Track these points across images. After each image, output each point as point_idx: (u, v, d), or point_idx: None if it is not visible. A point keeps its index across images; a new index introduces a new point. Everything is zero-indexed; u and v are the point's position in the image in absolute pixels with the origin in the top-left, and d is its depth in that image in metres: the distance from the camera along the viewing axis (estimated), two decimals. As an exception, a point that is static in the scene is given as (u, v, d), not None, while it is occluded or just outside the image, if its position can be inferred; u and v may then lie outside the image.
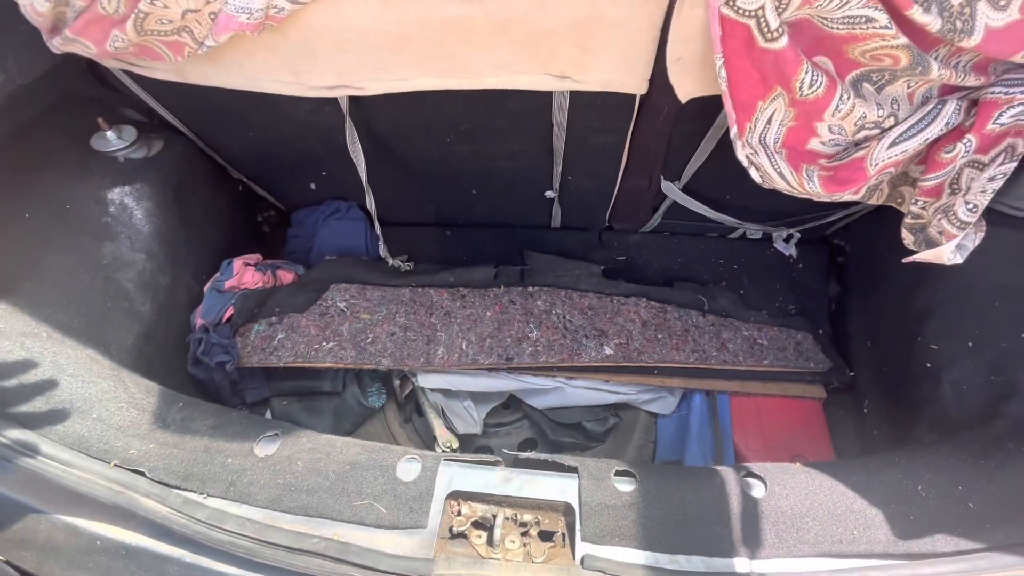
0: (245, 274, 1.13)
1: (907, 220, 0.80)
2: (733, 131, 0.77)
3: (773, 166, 0.80)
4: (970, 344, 0.83)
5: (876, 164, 0.76)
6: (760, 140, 0.80)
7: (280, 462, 0.81)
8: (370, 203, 1.09)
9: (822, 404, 1.11)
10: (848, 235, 1.25)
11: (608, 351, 1.11)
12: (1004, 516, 0.69)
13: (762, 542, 0.72)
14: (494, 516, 0.76)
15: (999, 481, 0.71)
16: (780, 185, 0.80)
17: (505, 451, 0.86)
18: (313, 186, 1.28)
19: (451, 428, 1.12)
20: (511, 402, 1.20)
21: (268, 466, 0.80)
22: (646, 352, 1.11)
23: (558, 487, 0.78)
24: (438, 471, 0.80)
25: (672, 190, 1.10)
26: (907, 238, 0.80)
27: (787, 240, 1.24)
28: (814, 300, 1.25)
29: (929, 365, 0.88)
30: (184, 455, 0.81)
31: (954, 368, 0.84)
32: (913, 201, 0.78)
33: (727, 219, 1.16)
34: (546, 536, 0.76)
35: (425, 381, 1.13)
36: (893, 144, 0.75)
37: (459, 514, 0.76)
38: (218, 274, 1.13)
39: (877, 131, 0.76)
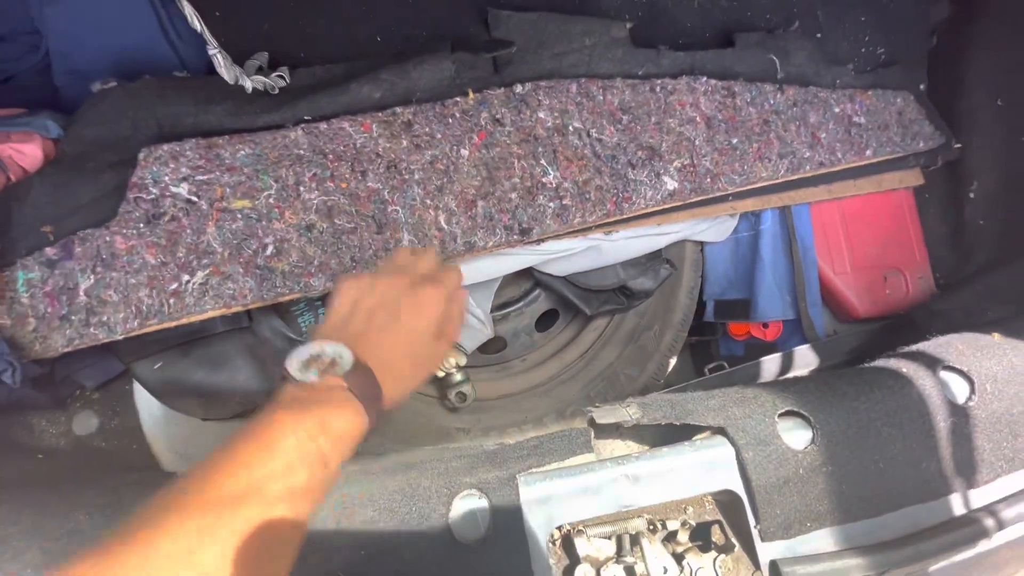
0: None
1: None
2: None
3: None
4: None
5: None
6: None
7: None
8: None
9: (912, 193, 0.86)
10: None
11: (670, 184, 0.71)
12: None
13: (977, 464, 0.54)
14: (631, 541, 0.49)
15: None
16: None
17: (592, 413, 0.54)
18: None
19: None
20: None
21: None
22: (723, 173, 0.73)
23: (705, 468, 0.51)
24: (521, 502, 0.47)
25: None
26: None
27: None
28: (910, 34, 0.87)
29: None
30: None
31: None
32: None
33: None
34: (701, 534, 0.53)
35: (392, 290, 0.69)
36: None
37: (578, 562, 0.48)
38: None
39: None
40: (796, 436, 0.51)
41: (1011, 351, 0.56)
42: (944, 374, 0.55)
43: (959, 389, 0.55)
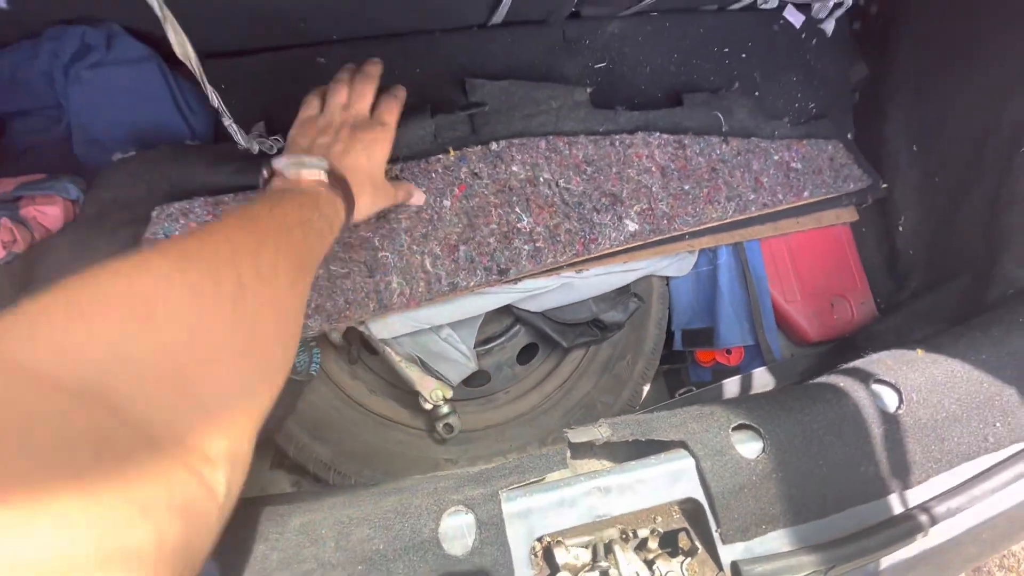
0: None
1: None
2: None
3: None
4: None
5: None
6: None
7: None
8: (173, 33, 0.51)
9: (851, 228, 0.96)
10: (886, -9, 0.94)
11: (631, 226, 0.80)
12: None
13: (910, 466, 0.61)
14: (605, 549, 0.54)
15: None
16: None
17: (567, 433, 0.60)
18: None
19: (436, 375, 0.80)
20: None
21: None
22: (678, 216, 0.82)
23: (669, 479, 0.56)
24: (504, 516, 0.52)
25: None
26: None
27: (835, 8, 0.89)
28: (835, 91, 0.99)
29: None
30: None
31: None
32: None
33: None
34: (670, 541, 0.58)
35: (382, 329, 0.75)
36: None
37: (558, 570, 0.52)
38: None
39: None
40: (748, 447, 0.58)
41: (932, 364, 0.64)
42: (876, 386, 0.62)
43: (889, 400, 0.62)
